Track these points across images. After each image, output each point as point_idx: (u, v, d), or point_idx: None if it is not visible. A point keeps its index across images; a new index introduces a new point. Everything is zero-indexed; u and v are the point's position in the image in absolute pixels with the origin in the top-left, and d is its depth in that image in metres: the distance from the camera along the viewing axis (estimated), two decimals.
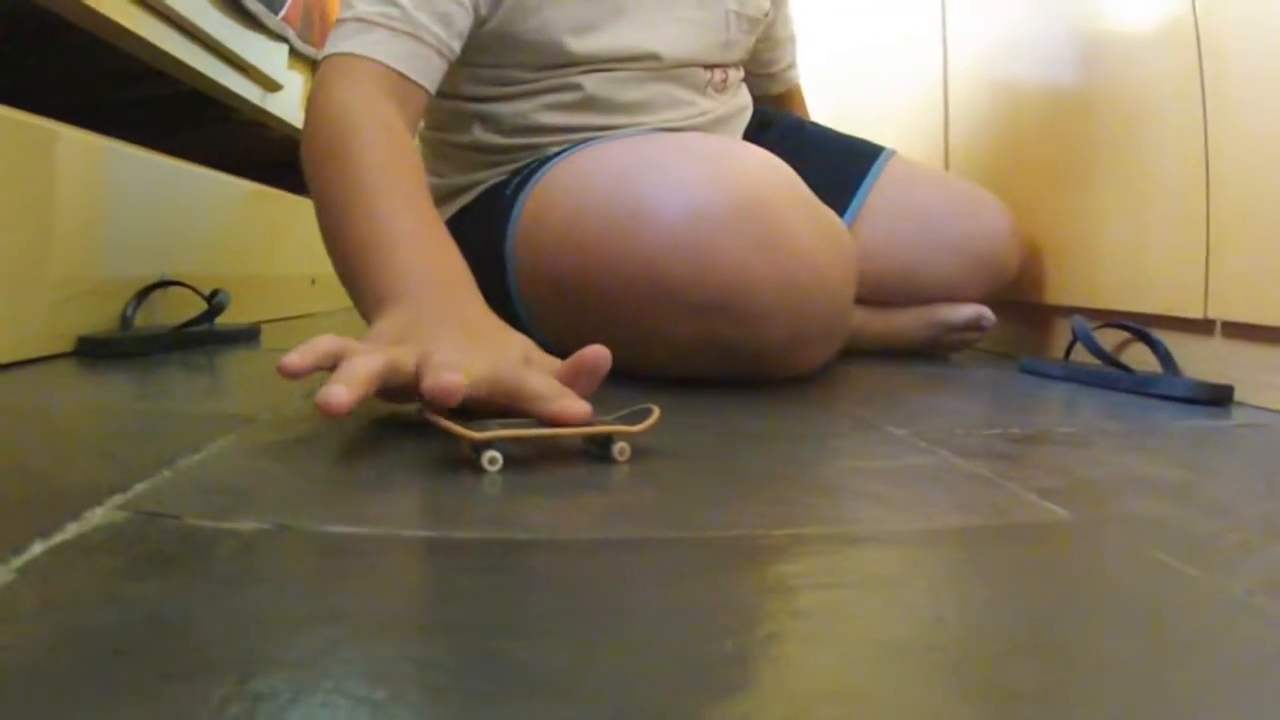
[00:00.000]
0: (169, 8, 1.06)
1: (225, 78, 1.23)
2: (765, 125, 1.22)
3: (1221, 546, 0.40)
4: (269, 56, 1.30)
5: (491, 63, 0.96)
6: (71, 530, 0.36)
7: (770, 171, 0.80)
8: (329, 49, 0.83)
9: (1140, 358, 0.95)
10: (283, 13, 1.30)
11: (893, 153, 1.21)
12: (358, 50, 0.81)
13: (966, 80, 1.38)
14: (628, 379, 0.83)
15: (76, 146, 0.92)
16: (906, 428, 0.67)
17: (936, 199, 1.18)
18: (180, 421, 0.63)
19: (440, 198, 1.06)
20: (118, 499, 0.41)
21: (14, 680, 0.24)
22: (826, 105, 1.47)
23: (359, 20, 0.82)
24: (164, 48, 1.08)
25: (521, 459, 0.53)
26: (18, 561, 0.32)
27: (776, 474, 0.52)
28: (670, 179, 0.79)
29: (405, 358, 0.55)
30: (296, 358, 0.53)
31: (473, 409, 0.55)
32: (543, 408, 0.53)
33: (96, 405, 0.69)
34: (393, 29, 0.82)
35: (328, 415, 0.49)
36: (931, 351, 1.20)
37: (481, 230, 0.94)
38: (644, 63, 0.98)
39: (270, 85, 1.32)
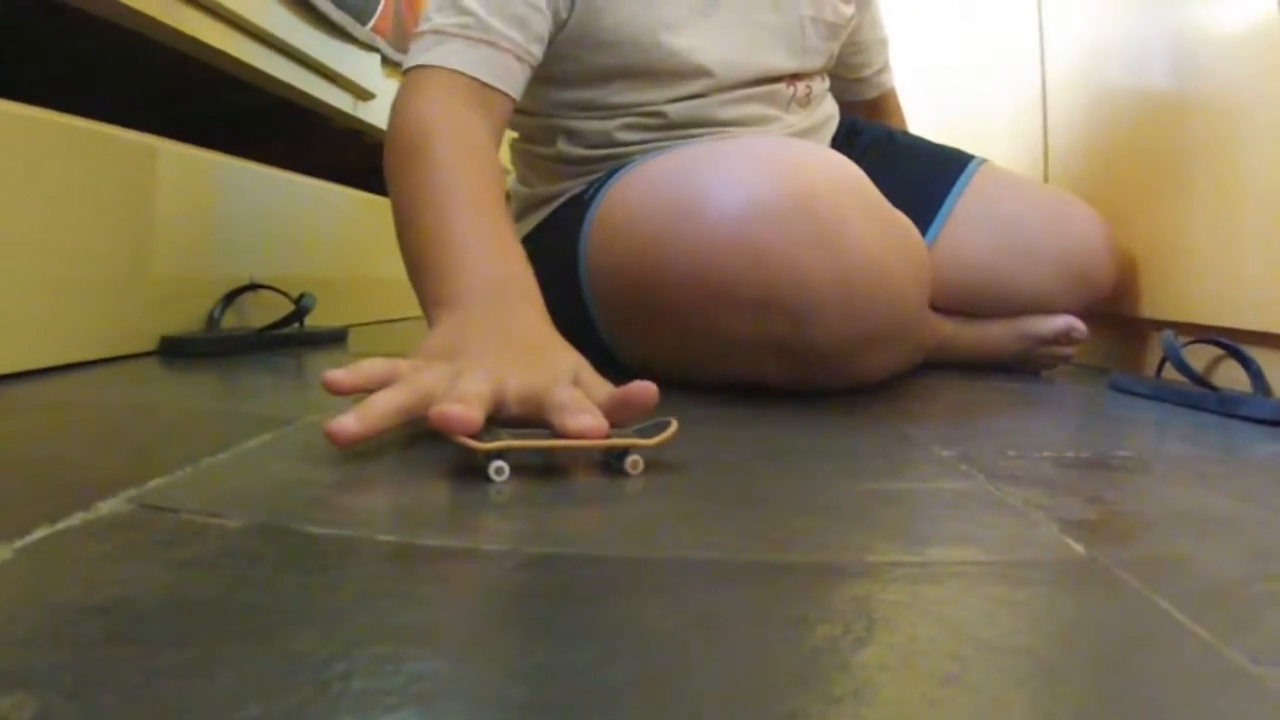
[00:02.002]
0: (258, 26, 1.08)
1: (316, 89, 1.25)
2: (854, 134, 1.18)
3: (1244, 598, 0.35)
4: (360, 66, 1.32)
5: (574, 76, 0.95)
6: (77, 518, 0.38)
7: (829, 168, 0.76)
8: (409, 63, 0.84)
9: (1234, 376, 0.89)
10: (372, 23, 1.31)
11: (983, 161, 1.16)
12: (435, 61, 0.82)
13: (1064, 88, 1.32)
14: (685, 385, 0.82)
15: (172, 158, 0.95)
16: (954, 448, 0.63)
17: (1028, 207, 1.12)
18: (223, 421, 0.64)
19: (529, 206, 1.06)
20: (130, 492, 0.42)
21: None
22: (924, 116, 1.42)
23: (435, 32, 0.83)
24: (254, 64, 1.11)
25: (538, 469, 0.52)
26: (20, 543, 0.35)
27: (781, 494, 0.49)
28: (726, 175, 0.76)
29: (437, 384, 0.54)
30: (343, 375, 0.54)
31: (509, 423, 0.54)
32: (561, 420, 0.52)
33: (151, 403, 0.70)
34: (468, 38, 0.82)
35: (335, 444, 0.49)
36: (1023, 366, 1.14)
37: (561, 238, 0.94)
38: (698, 81, 0.96)
39: (362, 94, 1.34)
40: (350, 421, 0.50)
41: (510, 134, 1.10)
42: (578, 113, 0.98)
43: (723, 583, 0.35)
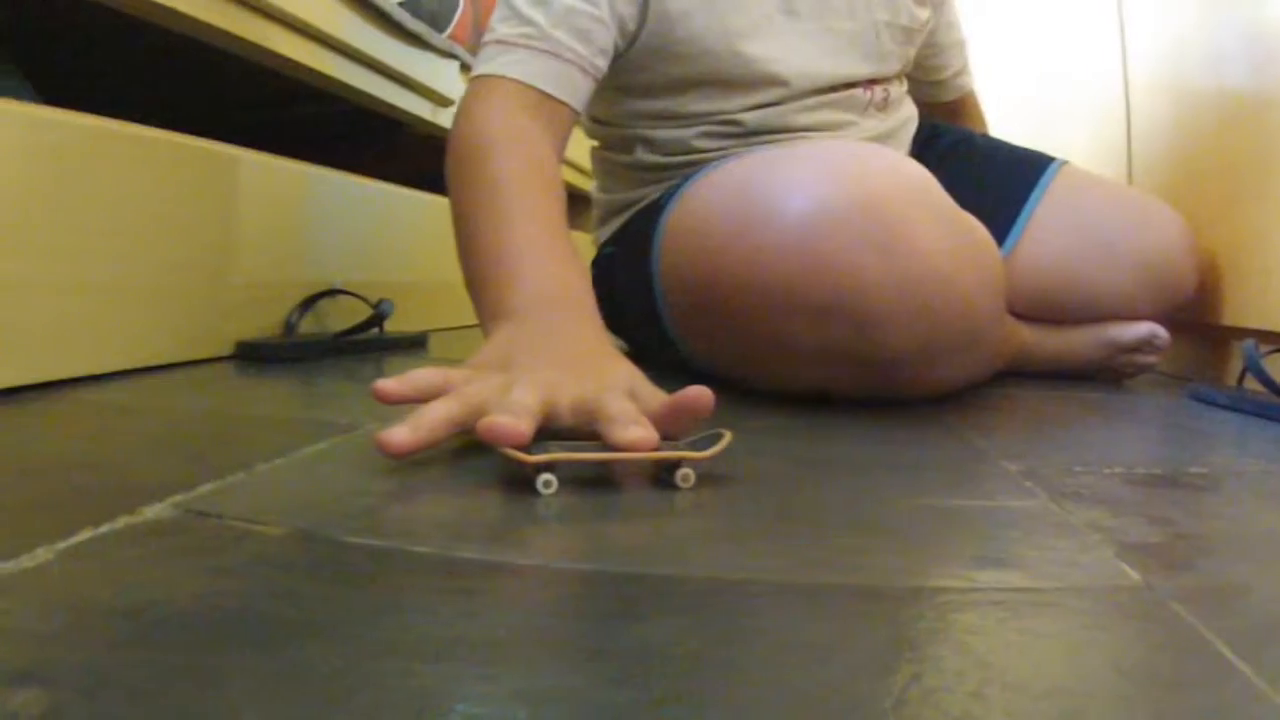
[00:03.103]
0: (335, 38, 1.10)
1: (395, 96, 1.26)
2: (934, 137, 1.16)
3: None
4: (438, 73, 1.33)
5: (651, 87, 0.95)
6: (121, 522, 0.38)
7: (896, 173, 0.74)
8: (473, 72, 0.84)
9: None
10: (449, 30, 1.32)
11: (1064, 162, 1.12)
12: (498, 71, 0.82)
13: (1147, 89, 1.27)
14: (753, 394, 0.81)
15: (255, 167, 0.97)
16: (1022, 461, 0.61)
17: (1109, 209, 1.08)
18: (285, 427, 0.64)
19: (609, 213, 1.07)
20: (178, 497, 0.43)
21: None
22: (1005, 119, 1.38)
23: (500, 42, 0.83)
24: (333, 74, 1.13)
25: (589, 482, 0.51)
26: (62, 545, 0.35)
27: (832, 510, 0.48)
28: (792, 180, 0.75)
29: (489, 396, 0.54)
30: (393, 384, 0.54)
31: (562, 435, 0.54)
32: (611, 432, 0.51)
33: (217, 408, 0.71)
34: (531, 48, 0.82)
35: (386, 455, 0.49)
36: (1105, 375, 1.10)
37: (636, 244, 0.93)
38: (772, 90, 0.94)
39: (441, 101, 1.35)
40: (402, 432, 0.49)
41: (590, 142, 1.10)
42: (655, 122, 0.98)
43: (751, 605, 0.34)
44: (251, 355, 0.94)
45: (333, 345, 1.03)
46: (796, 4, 0.94)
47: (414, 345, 1.16)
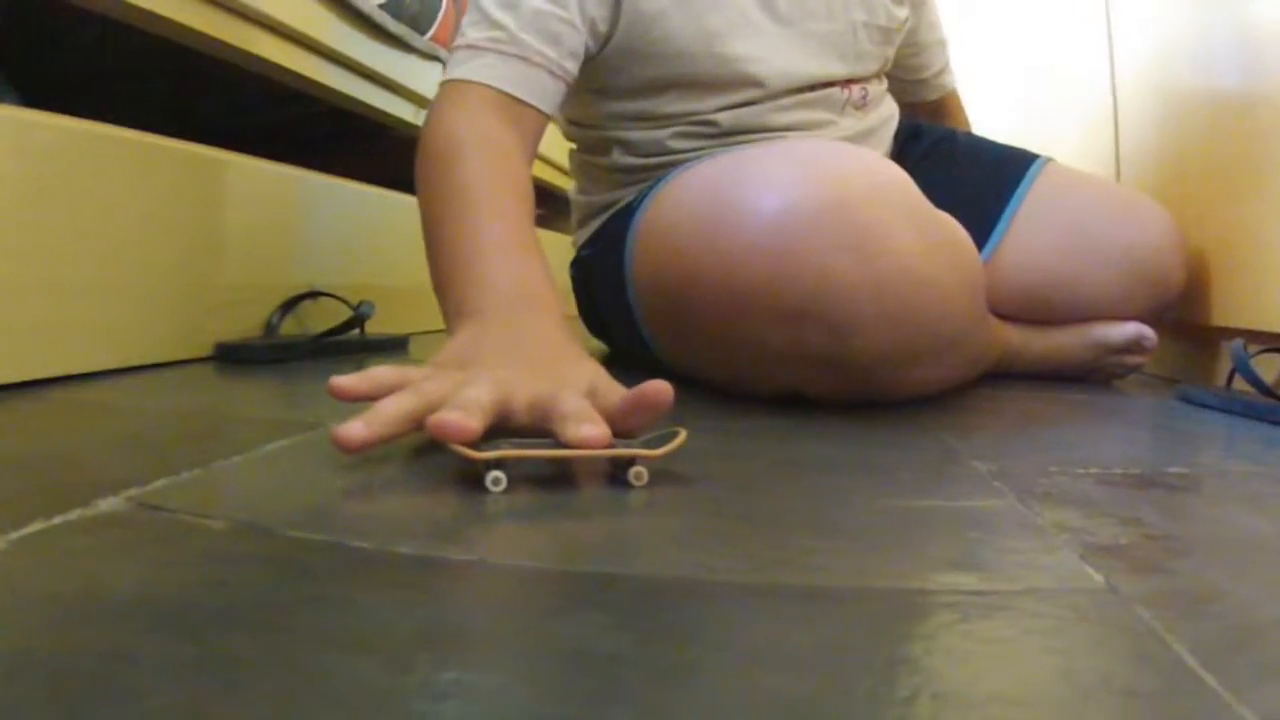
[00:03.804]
0: (315, 40, 1.08)
1: (377, 99, 1.24)
2: (915, 136, 1.14)
3: (1273, 642, 0.31)
4: (421, 75, 1.30)
5: (626, 88, 0.93)
6: (74, 514, 0.38)
7: (868, 172, 0.72)
8: (444, 76, 0.82)
9: None
10: (431, 33, 1.30)
11: (1048, 160, 1.10)
12: (466, 75, 0.80)
13: (1135, 87, 1.25)
14: (730, 396, 0.78)
15: (237, 170, 0.96)
16: (994, 462, 0.59)
17: (1095, 205, 1.05)
18: (249, 425, 0.63)
19: (587, 215, 1.05)
20: (133, 491, 0.42)
21: None
22: (991, 118, 1.36)
23: (469, 47, 0.81)
24: (314, 76, 1.11)
25: (543, 480, 0.49)
26: (14, 535, 0.35)
27: (790, 511, 0.45)
28: (761, 181, 0.72)
29: (446, 392, 0.52)
30: (350, 381, 0.53)
31: (519, 433, 0.52)
32: (563, 429, 0.49)
33: (188, 407, 0.70)
34: (500, 52, 0.80)
35: (341, 450, 0.48)
36: (1094, 376, 1.07)
37: (612, 247, 0.91)
38: (748, 90, 0.92)
39: (423, 103, 1.33)
40: (357, 427, 0.48)
41: (569, 145, 1.08)
42: (631, 123, 0.96)
43: (687, 604, 0.32)
44: (231, 356, 0.92)
45: (313, 347, 1.01)
46: (774, 4, 0.92)
47: (395, 347, 1.14)
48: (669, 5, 0.87)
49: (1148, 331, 1.02)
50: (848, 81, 0.98)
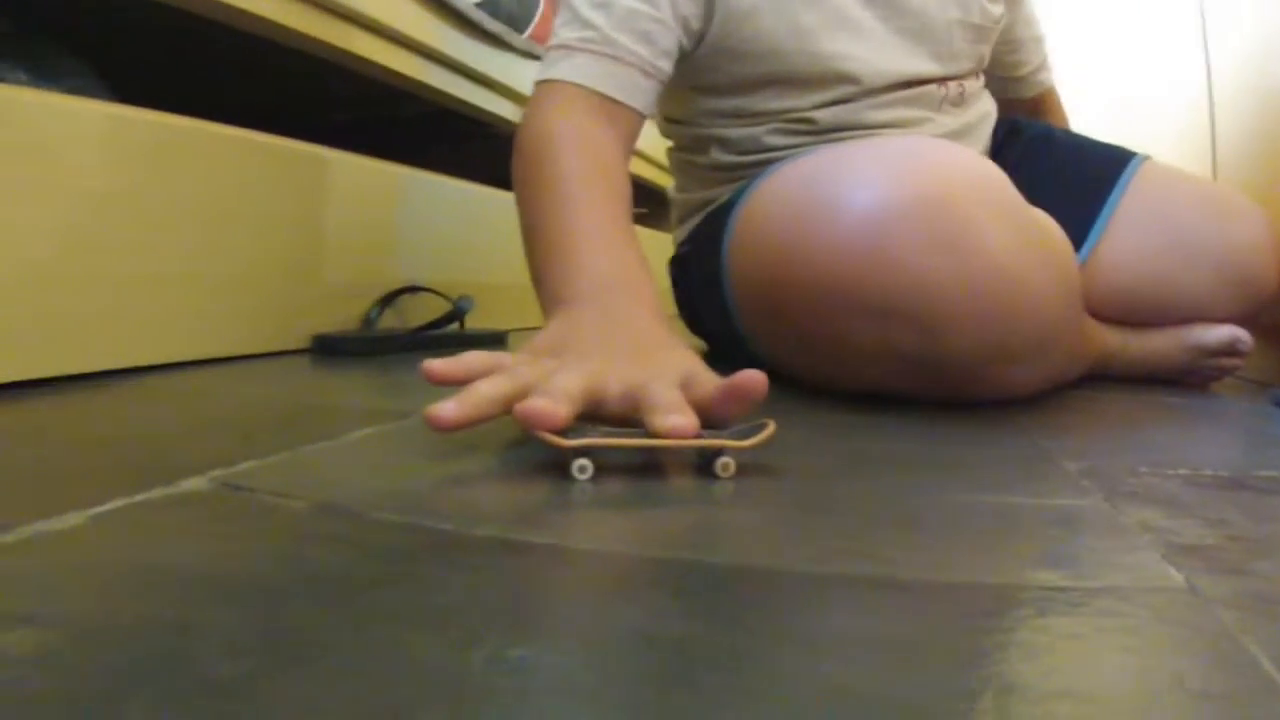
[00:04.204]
0: (416, 40, 1.11)
1: (477, 97, 1.27)
2: (1014, 132, 1.12)
3: None
4: (520, 73, 1.32)
5: (722, 86, 0.93)
6: (156, 493, 0.40)
7: (964, 169, 0.71)
8: (538, 77, 0.83)
9: None
10: (530, 31, 1.32)
11: (1146, 157, 1.07)
12: (560, 76, 0.81)
13: (1231, 85, 1.21)
14: (823, 392, 0.79)
15: (340, 166, 0.99)
16: (1084, 461, 0.58)
17: (1191, 206, 1.02)
18: (338, 413, 0.64)
19: (687, 212, 1.06)
20: (218, 472, 0.44)
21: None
22: (1088, 115, 1.33)
23: (562, 47, 0.82)
24: (415, 76, 1.14)
25: (633, 470, 0.50)
26: (95, 510, 0.36)
27: (872, 504, 0.46)
28: (855, 177, 0.72)
29: (539, 378, 0.52)
30: (442, 364, 0.54)
31: (611, 421, 0.53)
32: (651, 419, 0.50)
33: (283, 395, 0.72)
34: (592, 52, 0.81)
35: (434, 429, 0.48)
36: (1190, 379, 1.05)
37: (709, 244, 0.92)
38: (843, 87, 0.92)
39: (522, 100, 1.35)
40: (449, 407, 0.48)
41: (667, 143, 1.09)
42: (728, 120, 0.96)
43: (763, 593, 0.32)
44: (328, 348, 0.95)
45: (410, 340, 1.03)
46: (869, 2, 0.92)
47: (494, 342, 1.15)
48: (761, 2, 0.88)
49: (1243, 334, 0.99)
50: (944, 79, 0.97)
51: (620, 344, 0.60)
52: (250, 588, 0.30)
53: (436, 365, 0.53)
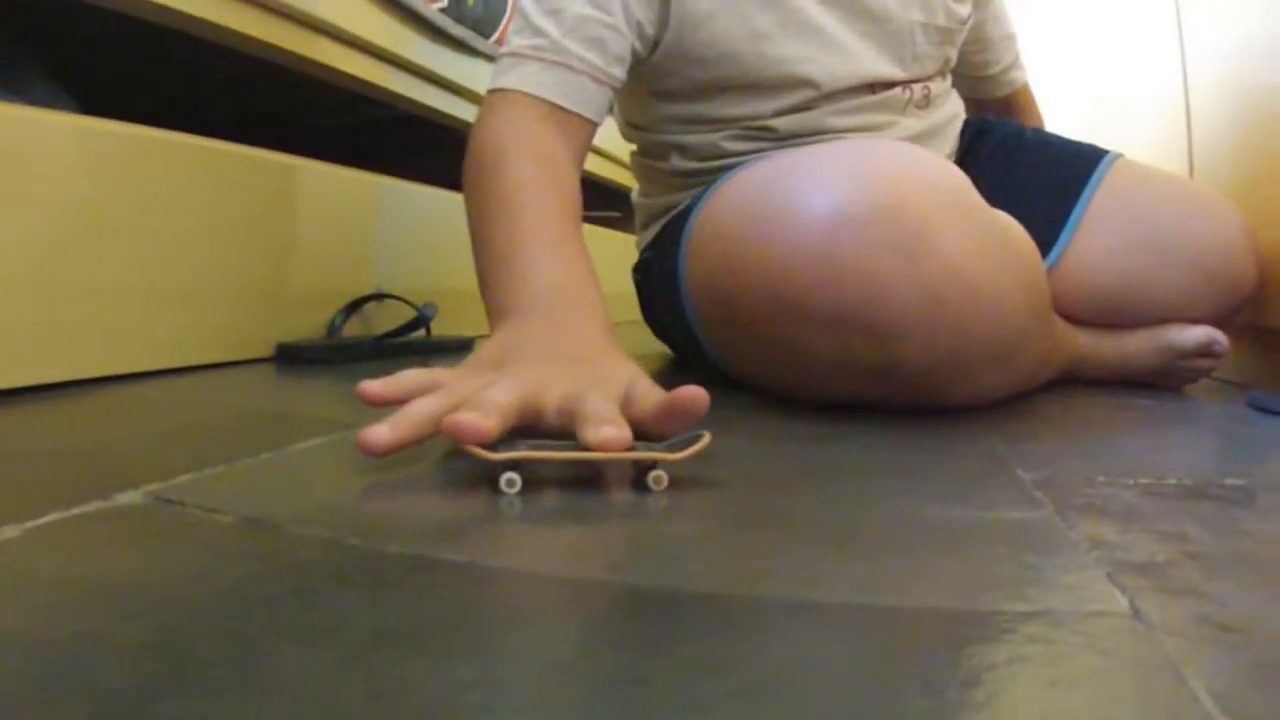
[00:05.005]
0: (379, 46, 1.09)
1: (442, 102, 1.24)
2: (982, 133, 1.09)
3: None
4: (485, 79, 1.29)
5: (680, 91, 0.91)
6: (92, 506, 0.39)
7: (921, 173, 0.67)
8: (490, 85, 0.81)
9: None
10: (496, 35, 1.29)
11: (1118, 155, 1.04)
12: (510, 85, 0.79)
13: (1207, 85, 1.18)
14: (785, 400, 0.76)
15: (306, 174, 0.97)
16: (1041, 470, 0.55)
17: (1165, 202, 0.99)
18: (292, 424, 0.62)
19: (650, 218, 1.04)
20: (154, 486, 0.43)
21: None
22: (1061, 115, 1.31)
23: (513, 55, 0.80)
24: (379, 82, 1.11)
25: (566, 482, 0.48)
26: (30, 524, 0.36)
27: (810, 518, 0.43)
28: (809, 182, 0.69)
29: (473, 393, 0.51)
30: (378, 385, 0.52)
31: (550, 434, 0.51)
32: (584, 431, 0.47)
33: (235, 405, 0.70)
34: (543, 60, 0.78)
35: (367, 454, 0.47)
36: (1164, 382, 1.01)
37: (668, 250, 0.89)
38: (802, 92, 0.89)
39: None
40: (382, 431, 0.47)
41: (629, 147, 1.07)
42: (686, 126, 0.94)
43: (658, 614, 0.29)
44: (290, 356, 0.92)
45: (374, 348, 1.01)
46: (826, 3, 0.89)
47: (459, 349, 1.13)
48: (716, 6, 0.85)
49: (1219, 335, 0.96)
50: (908, 82, 0.94)
51: (564, 355, 0.58)
52: (159, 602, 0.29)
53: (372, 387, 0.52)
